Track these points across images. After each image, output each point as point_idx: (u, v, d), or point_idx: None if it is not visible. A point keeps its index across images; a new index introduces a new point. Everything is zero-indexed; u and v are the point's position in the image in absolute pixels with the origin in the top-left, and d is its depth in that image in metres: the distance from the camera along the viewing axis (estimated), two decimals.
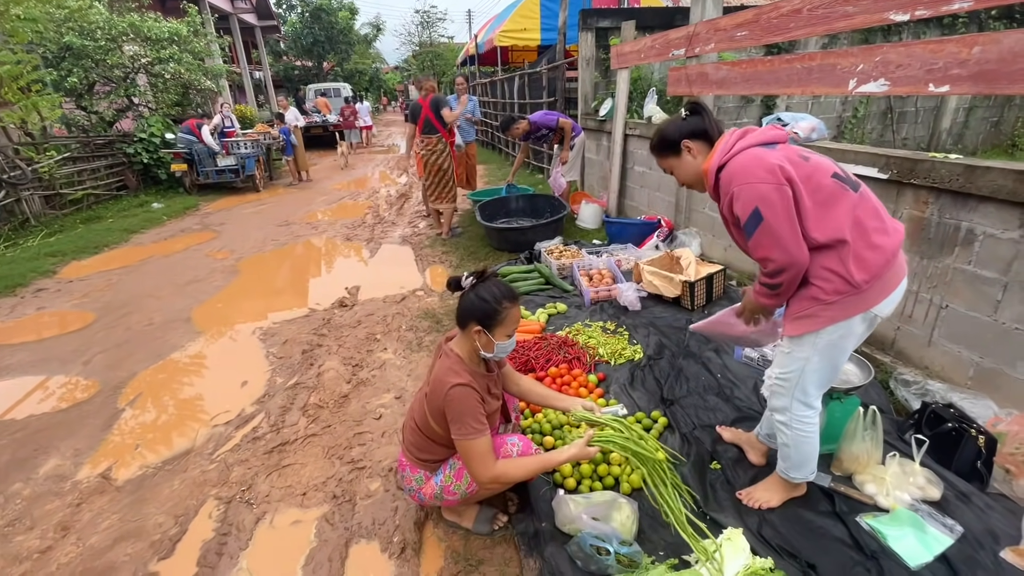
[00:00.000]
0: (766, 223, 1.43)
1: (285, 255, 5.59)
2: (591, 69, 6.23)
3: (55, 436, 2.64)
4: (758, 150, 1.48)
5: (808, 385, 1.62)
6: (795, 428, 1.68)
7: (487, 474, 1.61)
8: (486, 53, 12.58)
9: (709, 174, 1.58)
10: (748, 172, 1.45)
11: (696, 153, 1.66)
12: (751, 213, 1.44)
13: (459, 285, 1.73)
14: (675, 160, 1.71)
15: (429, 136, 5.32)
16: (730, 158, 1.52)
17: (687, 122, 1.66)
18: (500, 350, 1.70)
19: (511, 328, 1.68)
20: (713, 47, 3.57)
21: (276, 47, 24.86)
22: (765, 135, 1.52)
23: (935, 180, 2.30)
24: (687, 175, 1.71)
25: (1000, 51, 1.91)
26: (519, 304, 1.72)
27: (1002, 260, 2.12)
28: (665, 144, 1.70)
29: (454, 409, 1.60)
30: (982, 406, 2.12)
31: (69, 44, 8.17)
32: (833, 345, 1.55)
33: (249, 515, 2.06)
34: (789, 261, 1.45)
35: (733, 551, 1.61)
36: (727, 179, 1.51)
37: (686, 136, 1.65)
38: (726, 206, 1.55)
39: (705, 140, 1.64)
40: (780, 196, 1.42)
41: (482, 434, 1.61)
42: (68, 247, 5.95)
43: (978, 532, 1.68)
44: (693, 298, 3.40)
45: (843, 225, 1.44)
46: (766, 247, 1.46)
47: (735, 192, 1.48)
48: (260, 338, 3.61)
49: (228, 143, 8.82)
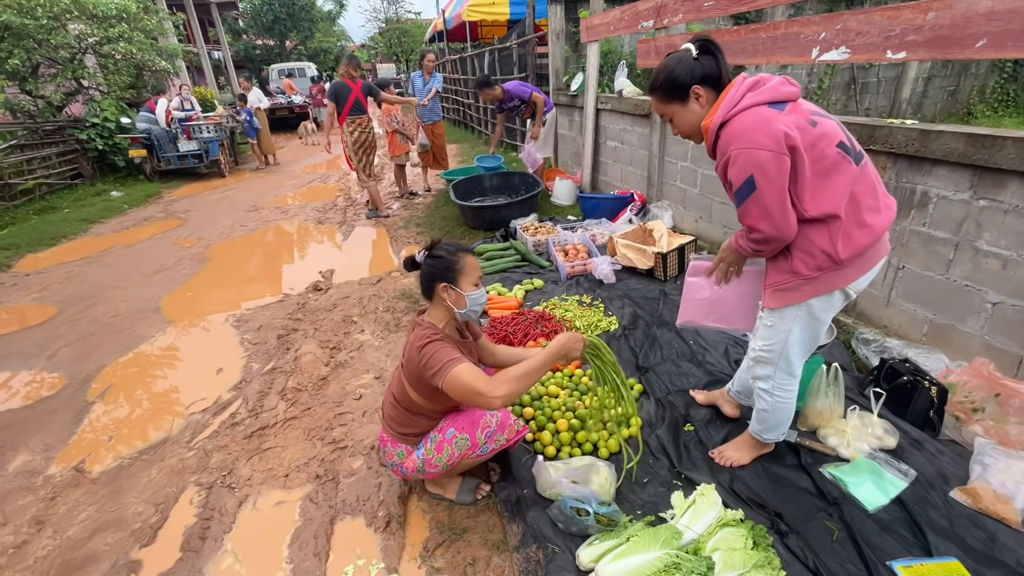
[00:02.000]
0: (759, 193, 1.36)
1: (255, 241, 5.45)
2: (561, 43, 6.16)
3: (22, 432, 2.56)
4: (765, 110, 1.37)
5: (791, 355, 1.65)
6: (776, 395, 1.73)
7: (492, 396, 1.49)
8: (454, 29, 12.26)
9: (710, 130, 1.46)
10: (750, 136, 1.35)
11: (705, 102, 1.49)
12: (745, 180, 1.37)
13: (415, 262, 1.76)
14: (679, 107, 1.52)
15: (360, 116, 5.54)
16: (735, 114, 1.40)
17: (700, 63, 1.46)
18: (472, 302, 1.72)
19: (474, 276, 1.71)
20: (681, 18, 3.57)
21: (235, 25, 23.79)
22: (777, 91, 1.39)
23: (892, 145, 2.37)
24: (688, 125, 1.55)
25: (953, 16, 1.97)
26: (473, 254, 1.76)
27: (954, 221, 2.22)
28: (673, 87, 1.50)
29: (427, 362, 1.59)
30: (935, 359, 2.24)
31: (7, 23, 7.63)
32: (813, 317, 1.56)
33: (231, 499, 2.06)
34: (776, 234, 1.42)
35: (706, 505, 1.69)
36: (727, 139, 1.40)
37: (699, 81, 1.47)
38: (721, 166, 1.46)
39: (715, 87, 1.47)
40: (778, 167, 1.34)
41: (461, 360, 1.57)
42: (22, 240, 5.68)
43: (930, 475, 1.80)
44: (666, 269, 3.47)
45: (839, 200, 1.39)
46: (755, 217, 1.41)
47: (733, 155, 1.38)
48: (233, 325, 3.55)
49: (190, 127, 8.46)
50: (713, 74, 1.46)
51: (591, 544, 1.61)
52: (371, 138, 5.69)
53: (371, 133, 5.69)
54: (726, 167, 1.42)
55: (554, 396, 2.34)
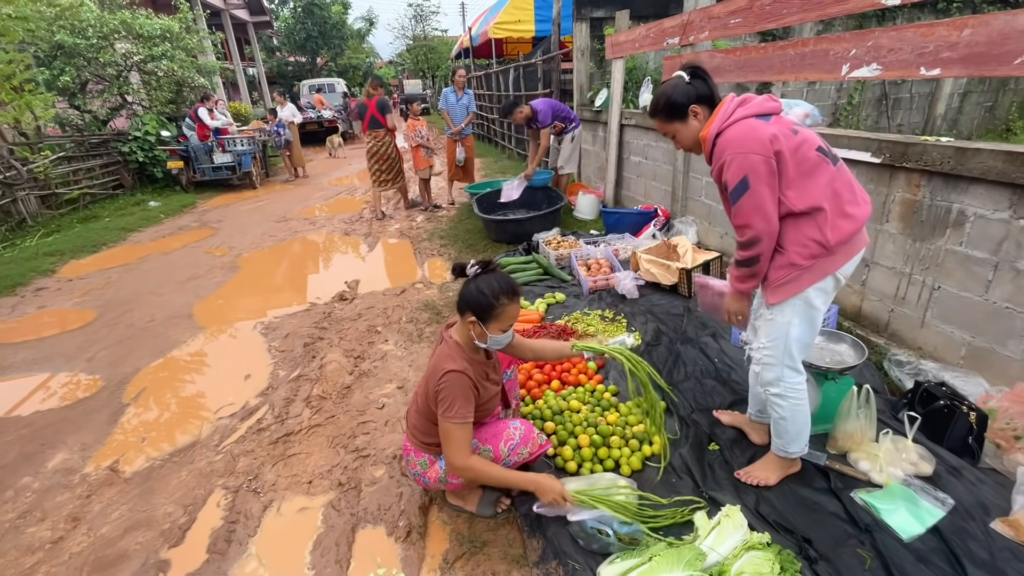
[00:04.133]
0: (752, 191, 1.53)
1: (284, 251, 5.60)
2: (586, 59, 6.23)
3: (61, 431, 2.67)
4: (754, 121, 1.56)
5: (793, 348, 1.72)
6: (790, 397, 1.75)
7: (460, 460, 1.66)
8: (480, 46, 12.51)
9: (707, 140, 1.65)
10: (742, 142, 1.53)
11: (702, 118, 1.69)
12: (740, 181, 1.53)
13: (463, 271, 1.73)
14: (680, 125, 1.72)
15: (376, 131, 6.27)
16: (728, 126, 1.59)
17: (694, 86, 1.68)
18: (494, 343, 1.72)
19: (507, 324, 1.69)
20: (707, 35, 3.58)
21: (269, 43, 24.69)
22: (763, 106, 1.59)
23: (927, 163, 2.32)
24: (689, 139, 1.74)
25: (989, 33, 1.93)
26: (518, 301, 1.71)
27: (992, 240, 2.16)
28: (673, 109, 1.71)
29: (445, 392, 1.64)
30: (973, 384, 2.16)
31: (61, 42, 8.12)
32: (810, 305, 1.66)
33: (256, 503, 2.10)
34: (766, 228, 1.56)
35: (731, 527, 1.65)
36: (722, 146, 1.58)
37: (695, 101, 1.68)
38: (717, 170, 1.63)
39: (709, 105, 1.68)
40: (767, 168, 1.52)
41: (466, 422, 1.65)
42: (66, 246, 5.96)
43: (969, 504, 1.72)
44: (691, 285, 3.43)
45: (821, 195, 1.56)
46: (747, 214, 1.56)
47: (727, 160, 1.56)
48: (261, 332, 3.64)
49: (224, 140, 8.79)
50: (705, 94, 1.67)
51: (612, 562, 1.59)
52: (386, 149, 6.34)
53: (386, 145, 6.34)
54: (721, 171, 1.60)
55: (576, 411, 2.33)
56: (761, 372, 1.79)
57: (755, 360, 1.82)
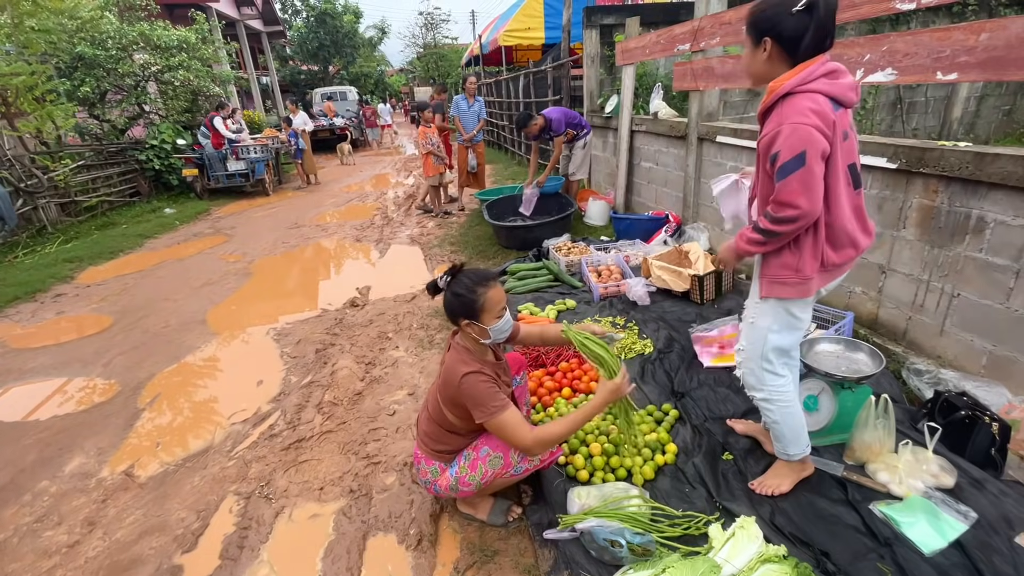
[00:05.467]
0: (807, 169, 1.41)
1: (296, 257, 5.66)
2: (596, 66, 6.23)
3: (79, 435, 2.71)
4: (826, 102, 1.42)
5: (771, 353, 1.71)
6: (776, 401, 1.74)
7: (528, 439, 1.64)
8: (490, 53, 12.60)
9: (774, 94, 1.49)
10: (811, 114, 1.40)
11: (769, 57, 1.50)
12: (797, 154, 1.40)
13: (437, 288, 1.75)
14: (750, 43, 1.55)
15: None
16: (802, 90, 1.44)
17: (793, 19, 1.41)
18: (496, 332, 1.72)
19: (496, 309, 1.70)
20: (718, 41, 3.57)
21: (282, 52, 25.10)
22: (844, 95, 1.45)
23: (944, 168, 2.29)
24: (746, 64, 1.60)
25: (1007, 37, 1.90)
26: (497, 285, 1.72)
27: (1014, 247, 2.11)
28: (754, 24, 1.51)
29: (470, 396, 1.64)
30: (996, 393, 2.11)
31: (81, 54, 8.32)
32: (791, 314, 1.65)
33: (268, 509, 2.11)
34: (811, 211, 1.45)
35: (746, 538, 1.62)
36: (788, 109, 1.44)
37: (774, 35, 1.46)
38: (769, 135, 1.47)
39: (788, 49, 1.46)
40: (825, 151, 1.42)
41: (507, 407, 1.65)
42: (84, 253, 6.07)
43: (993, 518, 1.68)
44: (702, 292, 3.40)
45: (846, 214, 1.51)
46: (796, 192, 1.43)
47: (789, 127, 1.41)
48: (274, 338, 3.67)
49: (238, 148, 8.93)
50: (794, 36, 1.43)
51: (625, 573, 1.57)
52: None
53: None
54: (775, 136, 1.45)
55: None
56: (743, 377, 1.80)
57: (736, 359, 1.82)
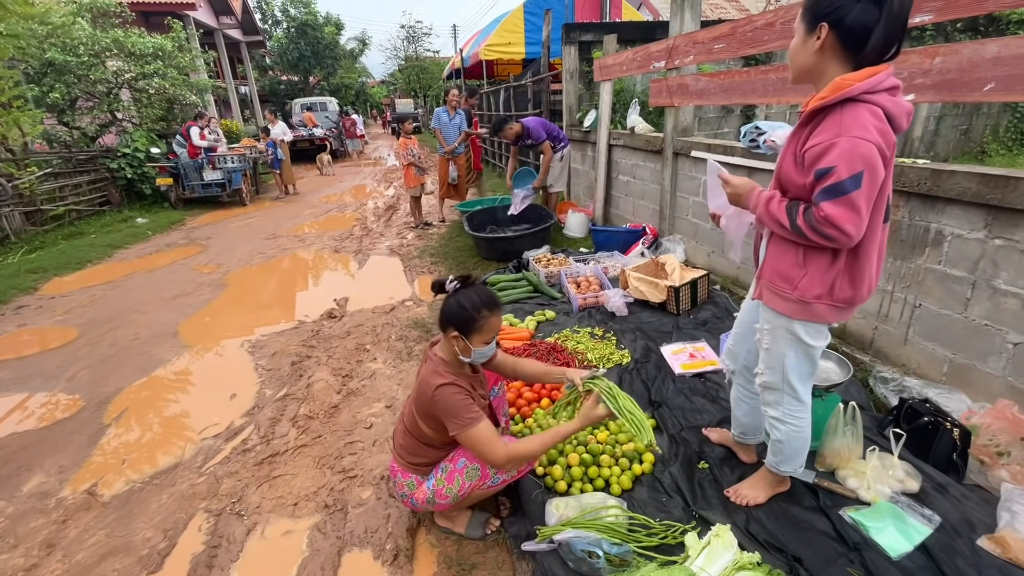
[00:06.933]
0: (861, 192, 1.24)
1: (273, 268, 5.57)
2: (575, 82, 6.36)
3: (39, 454, 2.59)
4: (886, 123, 1.27)
5: (793, 380, 1.63)
6: (789, 423, 1.69)
7: (500, 454, 1.62)
8: (472, 67, 12.73)
9: (838, 94, 1.26)
10: (874, 132, 1.24)
11: (823, 46, 1.31)
12: (855, 174, 1.23)
13: (443, 288, 1.74)
14: (803, 29, 1.36)
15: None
16: (869, 100, 1.25)
17: (858, 7, 1.23)
18: (477, 356, 1.72)
19: (489, 336, 1.69)
20: (692, 59, 3.68)
21: (262, 62, 24.87)
22: (900, 117, 1.29)
23: (905, 184, 2.39)
24: (795, 53, 1.40)
25: (959, 61, 2.02)
26: (500, 312, 1.72)
27: (969, 259, 2.21)
28: (811, 8, 1.32)
29: (444, 408, 1.63)
30: (956, 400, 2.19)
31: (51, 60, 8.12)
32: (801, 341, 1.55)
33: (240, 527, 2.05)
34: (855, 238, 1.30)
35: (722, 546, 1.64)
36: (850, 119, 1.25)
37: (832, 21, 1.27)
38: (823, 145, 1.28)
39: (849, 44, 1.28)
40: (880, 176, 1.27)
41: (479, 419, 1.63)
42: (49, 263, 5.87)
43: (956, 521, 1.73)
44: (678, 303, 3.46)
45: (875, 246, 1.40)
46: (845, 217, 1.26)
47: (848, 141, 1.24)
48: (248, 351, 3.59)
49: (214, 157, 8.79)
50: (855, 29, 1.25)
51: None
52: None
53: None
54: (828, 148, 1.26)
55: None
56: (763, 393, 1.73)
57: (756, 382, 1.75)
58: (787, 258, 1.49)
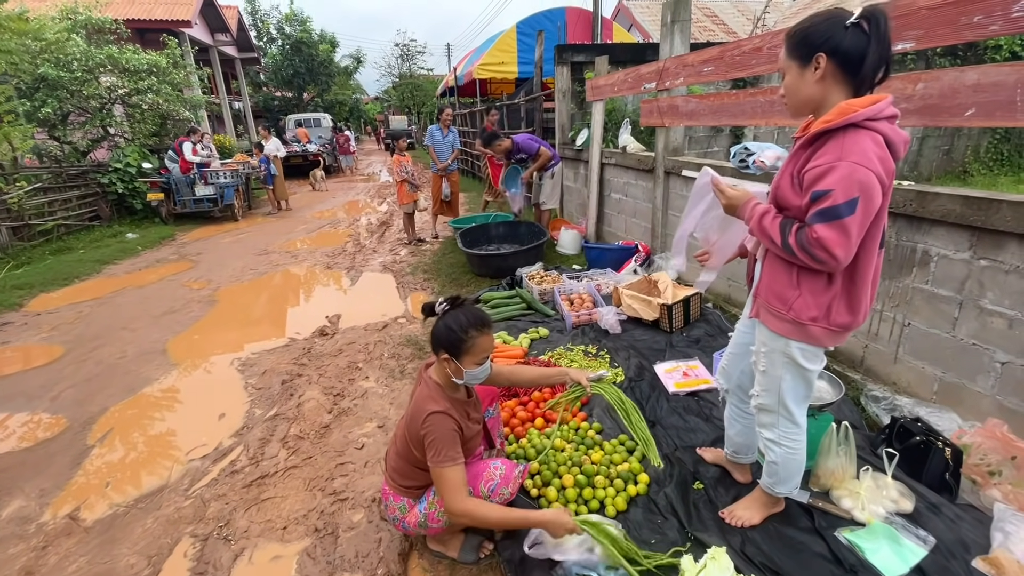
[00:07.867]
0: (855, 218, 1.25)
1: (264, 284, 5.53)
2: (567, 101, 6.46)
3: (19, 476, 2.52)
4: (886, 151, 1.29)
5: (788, 403, 1.63)
6: (784, 445, 1.68)
7: (458, 505, 1.58)
8: (465, 85, 12.90)
9: (841, 119, 1.27)
10: (875, 160, 1.25)
11: (823, 76, 1.33)
12: (850, 200, 1.24)
13: (432, 311, 1.74)
14: (796, 66, 1.38)
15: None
16: (869, 127, 1.27)
17: (848, 35, 1.27)
18: (470, 377, 1.71)
19: (480, 356, 1.68)
20: (682, 81, 3.76)
21: (256, 78, 25.02)
22: (899, 145, 1.31)
23: (891, 205, 2.43)
24: (793, 90, 1.41)
25: (941, 87, 2.08)
26: (490, 332, 1.70)
27: (956, 279, 2.25)
28: (803, 43, 1.34)
29: (431, 435, 1.61)
30: (947, 419, 2.20)
31: (44, 75, 8.11)
32: (799, 365, 1.54)
33: (227, 552, 2.00)
34: (844, 263, 1.31)
35: (717, 569, 1.63)
36: (851, 145, 1.26)
37: (828, 51, 1.30)
38: (822, 168, 1.29)
39: (847, 71, 1.31)
40: (876, 205, 1.28)
41: (456, 463, 1.60)
42: (36, 279, 5.79)
43: (950, 542, 1.73)
44: (671, 320, 3.48)
45: (870, 272, 1.41)
46: (837, 241, 1.27)
47: (847, 166, 1.25)
48: (238, 369, 3.55)
49: (207, 172, 8.78)
50: (851, 54, 1.28)
51: None
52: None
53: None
54: (827, 171, 1.28)
55: (560, 450, 2.30)
56: (758, 415, 1.73)
57: (752, 404, 1.74)
58: (781, 277, 1.49)
